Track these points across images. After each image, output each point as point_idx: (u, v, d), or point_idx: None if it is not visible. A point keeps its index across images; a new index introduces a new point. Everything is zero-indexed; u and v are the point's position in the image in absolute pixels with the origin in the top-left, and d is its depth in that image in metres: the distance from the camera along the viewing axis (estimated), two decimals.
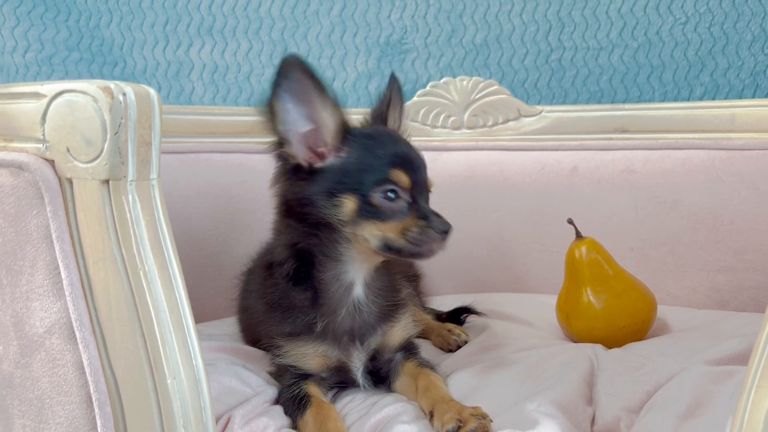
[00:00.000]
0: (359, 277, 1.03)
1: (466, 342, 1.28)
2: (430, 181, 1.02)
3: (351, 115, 1.75)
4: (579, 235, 1.25)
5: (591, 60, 1.71)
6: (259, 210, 1.58)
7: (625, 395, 0.96)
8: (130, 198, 0.72)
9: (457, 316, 1.41)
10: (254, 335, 1.21)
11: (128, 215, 0.72)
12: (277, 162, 1.00)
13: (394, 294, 1.09)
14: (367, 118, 1.10)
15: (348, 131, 0.99)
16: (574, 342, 1.24)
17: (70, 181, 0.73)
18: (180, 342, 0.73)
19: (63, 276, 0.74)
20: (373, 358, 1.07)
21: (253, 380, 1.06)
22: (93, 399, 0.74)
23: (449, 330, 1.31)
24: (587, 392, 1.00)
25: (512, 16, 1.74)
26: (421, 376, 1.02)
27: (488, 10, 1.74)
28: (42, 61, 1.88)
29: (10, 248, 0.77)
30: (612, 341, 1.19)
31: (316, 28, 1.83)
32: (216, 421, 0.88)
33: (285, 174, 1.00)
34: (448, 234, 0.97)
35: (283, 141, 0.97)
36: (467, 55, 1.77)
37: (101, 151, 0.70)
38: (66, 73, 1.88)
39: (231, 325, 1.33)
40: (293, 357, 1.03)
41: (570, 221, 1.26)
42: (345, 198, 0.95)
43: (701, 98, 1.66)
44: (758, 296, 1.39)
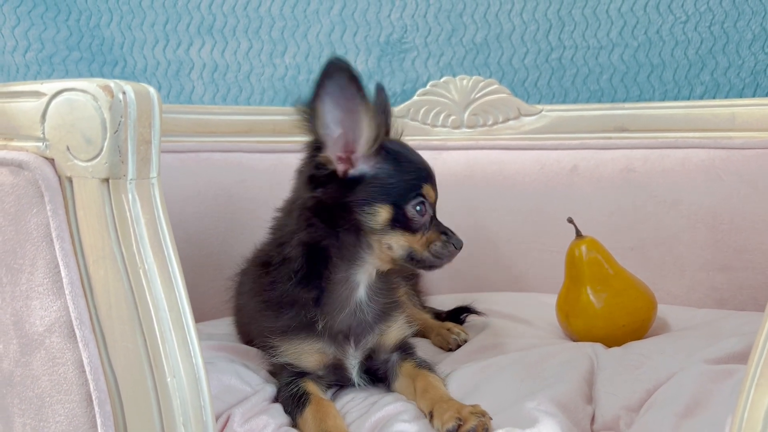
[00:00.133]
0: (364, 280, 1.05)
1: (466, 341, 1.29)
2: None
3: None
4: (579, 234, 1.25)
5: (591, 59, 1.71)
6: (259, 209, 1.58)
7: (625, 394, 0.96)
8: (130, 196, 0.72)
9: (457, 316, 1.41)
10: (249, 335, 1.21)
11: (128, 214, 0.72)
12: (308, 163, 1.00)
13: (391, 294, 1.11)
14: None
15: (382, 142, 1.01)
16: (574, 341, 1.24)
17: (70, 180, 0.73)
18: (180, 340, 0.73)
19: (63, 274, 0.74)
20: (369, 358, 1.08)
21: (253, 378, 1.06)
22: (93, 397, 0.74)
23: (449, 329, 1.31)
24: (587, 391, 1.00)
25: (512, 15, 1.74)
26: (420, 378, 1.02)
27: (488, 10, 1.74)
28: (42, 61, 1.88)
29: (10, 247, 0.78)
30: (612, 340, 1.19)
31: (316, 27, 1.83)
32: (216, 420, 0.89)
33: (318, 177, 0.99)
34: (461, 249, 1.04)
35: (321, 144, 0.97)
36: (467, 54, 1.77)
37: (101, 150, 0.71)
38: (66, 73, 1.88)
39: (230, 325, 1.33)
40: (290, 355, 1.03)
41: (570, 220, 1.26)
42: (380, 207, 0.98)
43: (701, 97, 1.65)
44: (758, 295, 1.38)
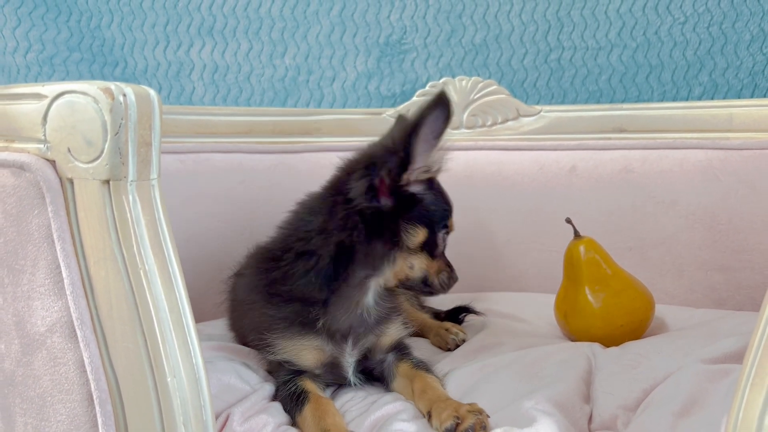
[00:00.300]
0: (374, 286, 1.07)
1: (464, 341, 1.29)
2: None
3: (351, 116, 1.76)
4: (577, 235, 1.26)
5: (590, 60, 1.71)
6: (259, 210, 1.59)
7: (622, 393, 0.97)
8: (131, 198, 0.72)
9: (456, 315, 1.41)
10: (243, 334, 1.21)
11: (128, 215, 0.72)
12: (379, 170, 1.01)
13: (394, 299, 1.14)
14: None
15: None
16: (572, 341, 1.25)
17: (71, 181, 0.74)
18: (180, 340, 0.73)
19: (64, 275, 0.74)
20: (365, 357, 1.09)
21: (252, 377, 1.06)
22: (94, 397, 0.74)
23: (447, 329, 1.32)
24: (585, 390, 1.00)
25: (511, 16, 1.74)
26: (417, 379, 1.03)
27: (487, 11, 1.75)
28: (43, 62, 1.89)
29: (12, 248, 0.78)
30: (610, 340, 1.20)
31: (316, 29, 1.83)
32: (215, 419, 0.89)
33: (377, 187, 1.02)
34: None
35: (408, 160, 1.00)
36: (466, 55, 1.77)
37: (102, 152, 0.71)
38: (67, 74, 1.89)
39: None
40: (288, 351, 1.04)
41: (568, 220, 1.26)
42: (420, 229, 1.04)
43: (700, 98, 1.66)
44: (755, 295, 1.39)
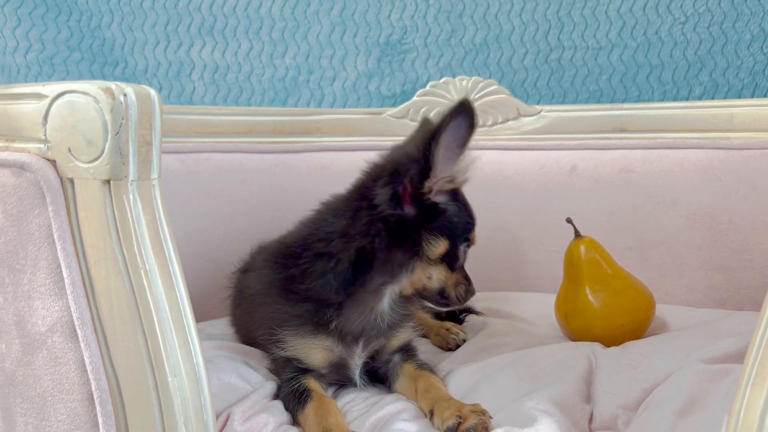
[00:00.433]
0: (390, 294, 1.06)
1: (465, 341, 1.29)
2: None
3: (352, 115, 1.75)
4: (578, 234, 1.26)
5: (590, 60, 1.71)
6: (260, 209, 1.59)
7: (623, 393, 0.97)
8: (131, 198, 0.72)
9: (456, 315, 1.41)
10: (249, 330, 1.20)
11: (129, 215, 0.72)
12: (403, 178, 0.99)
13: (408, 306, 1.12)
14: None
15: None
16: (573, 340, 1.25)
17: (72, 181, 0.74)
18: (181, 340, 0.73)
19: (65, 275, 0.74)
20: (372, 358, 1.08)
21: (253, 377, 1.06)
22: (94, 397, 0.74)
23: (448, 329, 1.32)
24: (585, 390, 1.00)
25: (512, 16, 1.74)
26: (421, 379, 1.03)
27: (488, 10, 1.75)
28: (43, 62, 1.89)
29: (13, 247, 0.78)
30: (610, 340, 1.20)
31: (316, 28, 1.83)
32: (216, 418, 0.89)
33: (401, 195, 1.00)
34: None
35: (429, 168, 0.98)
36: (467, 55, 1.77)
37: (102, 152, 0.71)
38: (67, 74, 1.89)
39: (229, 324, 1.33)
40: (298, 349, 1.04)
41: (569, 220, 1.26)
42: (442, 241, 1.02)
43: (700, 98, 1.66)
44: (756, 295, 1.39)
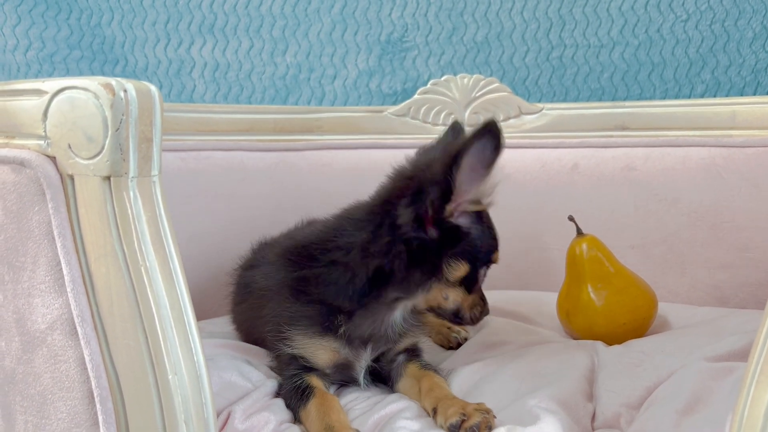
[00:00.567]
0: (402, 308, 1.05)
1: (467, 339, 1.29)
2: None
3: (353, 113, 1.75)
4: (580, 232, 1.26)
5: (592, 57, 1.71)
6: (260, 207, 1.59)
7: (625, 391, 0.96)
8: (132, 194, 0.72)
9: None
10: (253, 326, 1.19)
11: (129, 211, 0.72)
12: (425, 199, 0.97)
13: (420, 317, 1.12)
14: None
15: None
16: (575, 339, 1.25)
17: (72, 178, 0.73)
18: (181, 338, 0.73)
19: (64, 272, 0.74)
20: (377, 359, 1.08)
21: (254, 375, 1.06)
22: (94, 394, 0.74)
23: (449, 327, 1.31)
24: (587, 388, 1.00)
25: (513, 14, 1.73)
26: (425, 379, 1.03)
27: (489, 8, 1.74)
28: (43, 59, 1.89)
29: (12, 245, 0.78)
30: (612, 338, 1.19)
31: (317, 26, 1.83)
32: (217, 416, 0.89)
33: (423, 217, 0.98)
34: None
35: (450, 191, 0.95)
36: (468, 53, 1.77)
37: (102, 148, 0.71)
38: (67, 71, 1.88)
39: (230, 322, 1.33)
40: (304, 349, 1.03)
41: (571, 218, 1.26)
42: (462, 264, 1.00)
43: (702, 96, 1.65)
44: (759, 293, 1.38)
